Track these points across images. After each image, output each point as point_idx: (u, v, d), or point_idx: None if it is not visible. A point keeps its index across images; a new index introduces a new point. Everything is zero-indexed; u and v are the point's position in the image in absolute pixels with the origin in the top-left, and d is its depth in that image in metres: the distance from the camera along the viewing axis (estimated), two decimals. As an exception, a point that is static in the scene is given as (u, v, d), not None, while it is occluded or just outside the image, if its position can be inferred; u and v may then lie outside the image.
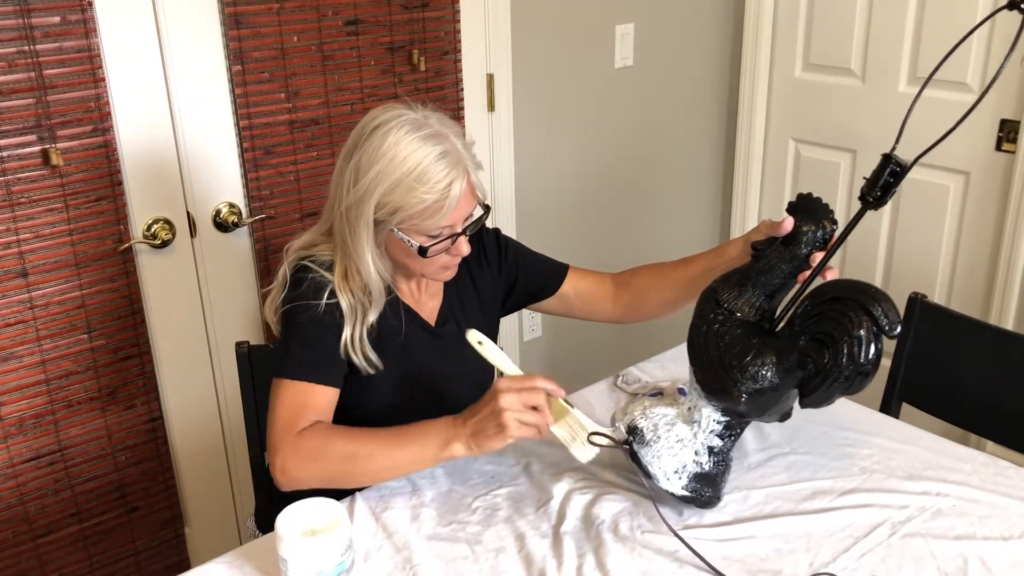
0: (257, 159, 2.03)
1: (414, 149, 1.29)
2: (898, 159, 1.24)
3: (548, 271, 1.60)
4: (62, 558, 1.99)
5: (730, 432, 1.31)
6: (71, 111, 1.76)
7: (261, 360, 1.65)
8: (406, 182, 1.29)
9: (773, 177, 3.00)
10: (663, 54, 2.77)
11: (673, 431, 1.30)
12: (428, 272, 1.42)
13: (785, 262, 1.31)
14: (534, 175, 2.58)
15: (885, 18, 2.58)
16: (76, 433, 1.94)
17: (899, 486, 1.36)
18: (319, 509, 1.20)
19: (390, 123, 1.31)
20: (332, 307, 1.36)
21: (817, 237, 1.30)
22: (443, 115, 1.37)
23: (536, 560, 1.22)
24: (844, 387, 1.22)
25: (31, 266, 1.79)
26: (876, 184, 1.24)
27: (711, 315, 1.31)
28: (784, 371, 1.24)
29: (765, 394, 1.25)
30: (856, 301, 1.21)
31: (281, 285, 1.41)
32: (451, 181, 1.30)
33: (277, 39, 1.98)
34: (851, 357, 1.19)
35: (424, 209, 1.30)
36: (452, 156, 1.31)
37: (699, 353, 1.31)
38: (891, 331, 1.19)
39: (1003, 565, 1.19)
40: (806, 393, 1.25)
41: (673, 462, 1.28)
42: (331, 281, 1.37)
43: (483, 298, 1.56)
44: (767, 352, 1.26)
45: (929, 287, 2.65)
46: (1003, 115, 2.39)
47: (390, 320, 1.43)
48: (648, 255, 2.92)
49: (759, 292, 1.31)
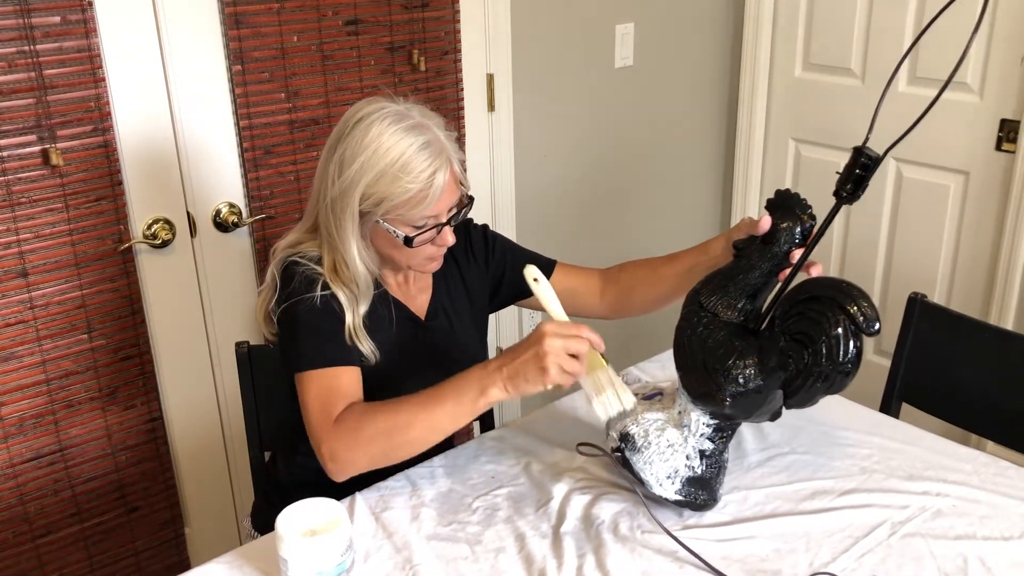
0: (257, 159, 2.03)
1: (397, 140, 1.30)
2: (869, 151, 1.23)
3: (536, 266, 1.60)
4: (62, 558, 1.99)
5: (721, 435, 1.31)
6: (71, 111, 1.76)
7: (261, 360, 1.65)
8: (390, 172, 1.30)
9: (773, 177, 3.00)
10: (663, 54, 2.77)
11: (664, 436, 1.29)
12: (414, 263, 1.42)
13: (765, 261, 1.29)
14: (534, 175, 2.58)
15: (885, 18, 2.58)
16: (76, 433, 1.94)
17: (899, 486, 1.36)
18: (319, 509, 1.20)
19: (372, 115, 1.32)
20: (328, 297, 1.37)
21: (795, 233, 1.28)
22: (425, 107, 1.39)
23: (536, 560, 1.22)
24: (826, 387, 1.21)
25: (31, 266, 1.79)
26: (848, 178, 1.24)
27: (695, 318, 1.30)
28: (767, 372, 1.24)
29: (749, 396, 1.25)
30: (833, 300, 1.20)
31: (271, 287, 1.41)
32: (435, 171, 1.31)
33: (277, 39, 1.98)
34: (830, 357, 1.19)
35: (409, 199, 1.31)
36: (435, 146, 1.32)
37: (684, 357, 1.30)
38: (868, 328, 1.18)
39: (1003, 565, 1.19)
40: (789, 394, 1.25)
41: (665, 467, 1.27)
42: (322, 274, 1.38)
43: (472, 292, 1.57)
44: (749, 354, 1.25)
45: (929, 287, 2.65)
46: (1003, 115, 2.39)
47: (380, 313, 1.43)
48: (648, 254, 2.90)
49: (741, 293, 1.30)
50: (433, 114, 1.39)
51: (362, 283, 1.38)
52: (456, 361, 1.52)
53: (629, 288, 1.58)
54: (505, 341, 2.64)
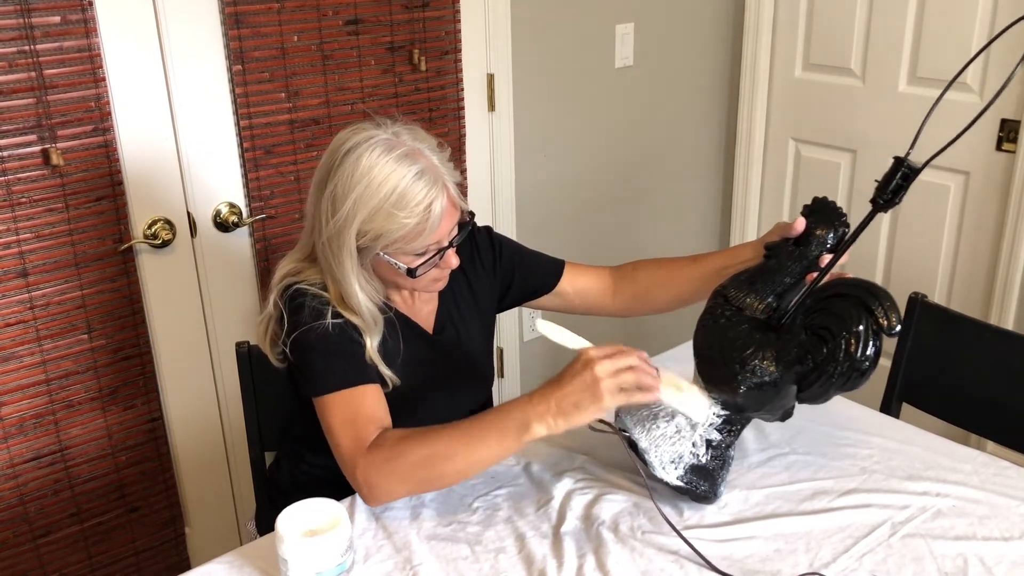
0: (257, 159, 2.03)
1: (390, 172, 1.26)
2: (911, 162, 1.24)
3: (544, 269, 1.59)
4: (62, 558, 1.99)
5: (730, 427, 1.31)
6: (71, 111, 1.76)
7: (261, 360, 1.64)
8: (384, 208, 1.26)
9: (773, 177, 3.00)
10: (663, 54, 2.77)
11: (673, 422, 1.30)
12: (419, 287, 1.40)
13: (795, 262, 1.32)
14: (534, 175, 2.58)
15: (885, 18, 2.58)
16: (76, 433, 1.94)
17: (899, 486, 1.36)
18: (319, 509, 1.20)
19: (360, 146, 1.27)
20: (342, 324, 1.34)
21: (828, 239, 1.32)
22: (415, 127, 1.34)
23: (536, 560, 1.22)
24: (841, 383, 1.22)
25: (31, 266, 1.79)
26: (887, 187, 1.25)
27: (719, 310, 1.32)
28: (784, 366, 1.25)
29: (764, 388, 1.25)
30: (859, 298, 1.21)
31: (275, 317, 1.37)
32: (431, 201, 1.27)
33: (277, 39, 1.98)
34: (848, 353, 1.19)
35: (407, 233, 1.28)
36: (429, 174, 1.28)
37: (702, 344, 1.32)
38: (890, 330, 1.19)
39: (1003, 565, 1.19)
40: (803, 388, 1.25)
41: (670, 452, 1.28)
42: (330, 301, 1.35)
43: (479, 300, 1.55)
44: (768, 347, 1.26)
45: (929, 287, 2.65)
46: (1003, 115, 2.39)
47: (388, 341, 1.40)
48: (648, 254, 2.90)
49: (768, 292, 1.32)
50: (425, 135, 1.34)
51: (368, 316, 1.35)
52: (464, 369, 1.52)
53: (647, 287, 1.57)
54: (505, 342, 2.64)
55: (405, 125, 1.34)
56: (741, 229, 3.09)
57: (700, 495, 1.30)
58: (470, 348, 1.53)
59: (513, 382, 2.70)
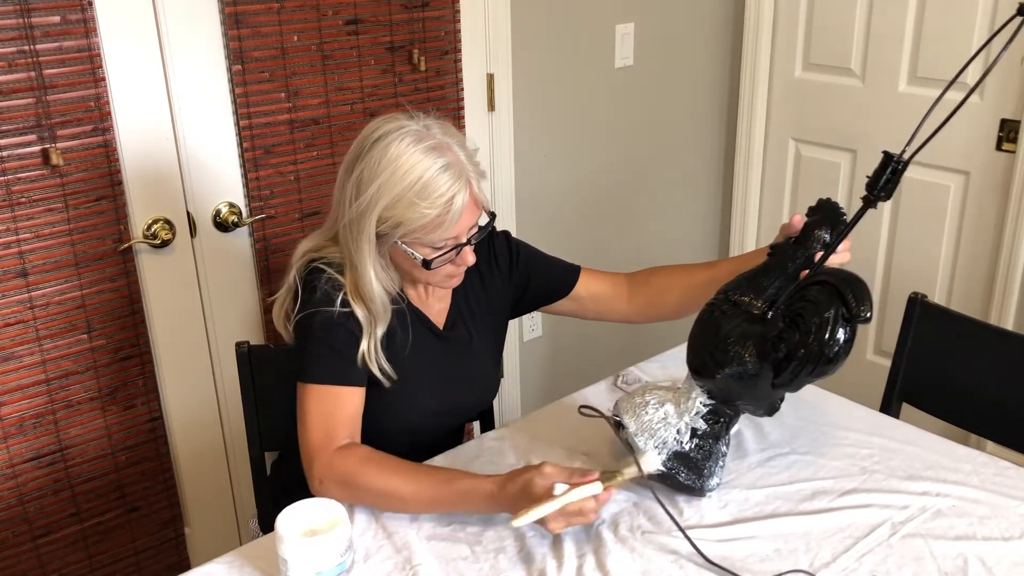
0: (257, 159, 2.03)
1: (416, 162, 1.28)
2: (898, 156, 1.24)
3: (560, 274, 1.59)
4: (62, 558, 1.99)
5: (716, 418, 1.32)
6: (71, 111, 1.76)
7: (261, 360, 1.65)
8: (407, 197, 1.28)
9: (773, 177, 3.00)
10: (663, 54, 2.77)
11: (661, 410, 1.32)
12: (434, 281, 1.41)
13: (795, 260, 1.34)
14: (534, 175, 2.58)
15: (885, 18, 2.58)
16: (76, 433, 1.94)
17: (899, 486, 1.36)
18: (319, 509, 1.20)
19: (391, 135, 1.30)
20: (347, 315, 1.35)
21: (828, 238, 1.34)
22: (446, 123, 1.36)
23: (536, 560, 1.22)
24: (810, 369, 1.22)
25: (31, 266, 1.79)
26: (877, 183, 1.25)
27: (717, 306, 1.34)
28: (762, 354, 1.26)
29: (744, 378, 1.27)
30: (832, 285, 1.22)
31: (291, 291, 1.40)
32: (453, 195, 1.29)
33: (277, 39, 1.98)
34: (817, 338, 1.19)
35: (426, 224, 1.30)
36: (454, 169, 1.30)
37: (693, 335, 1.34)
38: (859, 316, 1.19)
39: (1003, 565, 1.19)
40: (776, 374, 1.26)
41: (655, 437, 1.30)
42: (344, 284, 1.36)
43: (492, 302, 1.55)
44: (751, 336, 1.27)
45: (929, 287, 2.65)
46: (1003, 115, 2.39)
47: (397, 332, 1.42)
48: (649, 254, 2.92)
49: (766, 287, 1.32)
50: (455, 131, 1.36)
51: (379, 304, 1.37)
52: (471, 370, 1.52)
53: (662, 293, 1.58)
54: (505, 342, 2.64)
55: (437, 120, 1.35)
56: (741, 229, 3.09)
57: (683, 484, 1.31)
58: (478, 348, 1.54)
59: (513, 382, 2.70)
